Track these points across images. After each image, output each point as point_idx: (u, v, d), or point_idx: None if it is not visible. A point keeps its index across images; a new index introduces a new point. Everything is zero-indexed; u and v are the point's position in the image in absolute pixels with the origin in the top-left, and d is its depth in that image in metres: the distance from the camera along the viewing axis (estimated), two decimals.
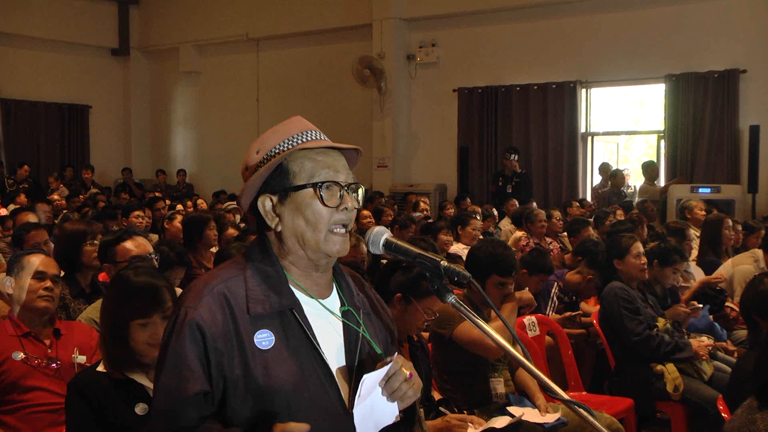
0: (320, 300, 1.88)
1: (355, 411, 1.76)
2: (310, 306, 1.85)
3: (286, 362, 1.76)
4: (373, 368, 1.80)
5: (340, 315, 1.90)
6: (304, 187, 1.82)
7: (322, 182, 1.82)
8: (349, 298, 1.94)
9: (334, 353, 1.84)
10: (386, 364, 1.77)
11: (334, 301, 1.92)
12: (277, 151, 1.86)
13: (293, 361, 1.77)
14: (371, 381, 1.76)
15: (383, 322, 2.04)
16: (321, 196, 1.82)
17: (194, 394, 1.71)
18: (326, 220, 1.82)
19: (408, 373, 1.78)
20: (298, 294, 1.85)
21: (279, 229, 1.85)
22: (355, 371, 1.83)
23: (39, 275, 3.39)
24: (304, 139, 1.88)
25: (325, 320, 1.87)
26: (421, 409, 3.36)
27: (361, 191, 1.91)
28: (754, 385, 2.43)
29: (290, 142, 1.87)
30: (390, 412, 1.80)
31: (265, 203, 1.85)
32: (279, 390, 1.74)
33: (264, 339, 1.76)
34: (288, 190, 1.83)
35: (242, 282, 1.81)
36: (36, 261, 3.44)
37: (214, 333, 1.75)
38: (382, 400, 1.78)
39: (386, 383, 1.77)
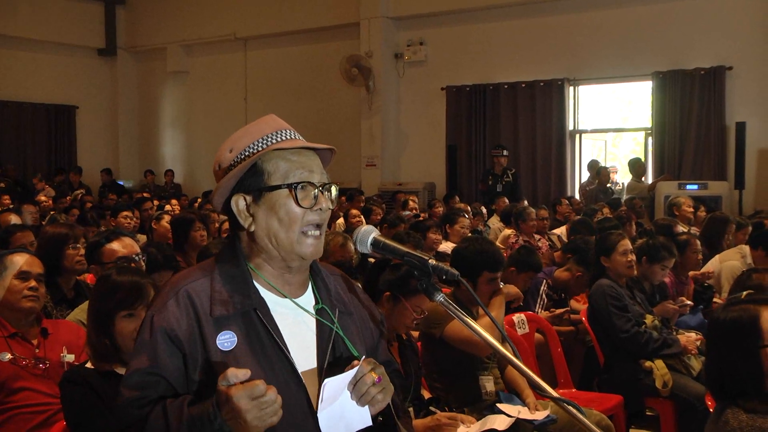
0: (293, 299, 1.88)
1: (320, 415, 1.76)
2: (280, 305, 1.85)
3: (248, 363, 1.75)
4: (345, 367, 1.80)
5: (314, 313, 1.89)
6: (278, 187, 1.82)
7: (297, 183, 1.82)
8: (325, 296, 1.93)
9: (304, 352, 1.83)
10: (353, 367, 1.76)
11: (308, 299, 1.91)
12: (251, 150, 1.85)
13: (257, 362, 1.76)
14: (334, 385, 1.75)
15: (371, 320, 2.03)
16: (296, 196, 1.81)
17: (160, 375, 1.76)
18: (300, 220, 1.82)
19: (376, 377, 1.77)
20: (269, 293, 1.85)
21: (252, 229, 1.84)
22: (325, 370, 1.83)
23: (23, 275, 3.35)
24: (279, 139, 1.87)
25: (298, 319, 1.86)
26: (411, 408, 3.36)
27: (334, 191, 1.90)
28: (712, 388, 2.45)
29: (264, 142, 1.85)
30: (361, 417, 1.78)
31: (239, 203, 1.85)
32: None
33: (226, 340, 1.77)
34: (262, 190, 1.82)
35: (208, 284, 1.82)
36: (20, 260, 3.39)
37: (180, 336, 1.77)
38: (352, 404, 1.77)
39: (354, 387, 1.77)
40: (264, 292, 1.85)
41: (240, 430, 1.62)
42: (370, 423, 1.79)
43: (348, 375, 1.75)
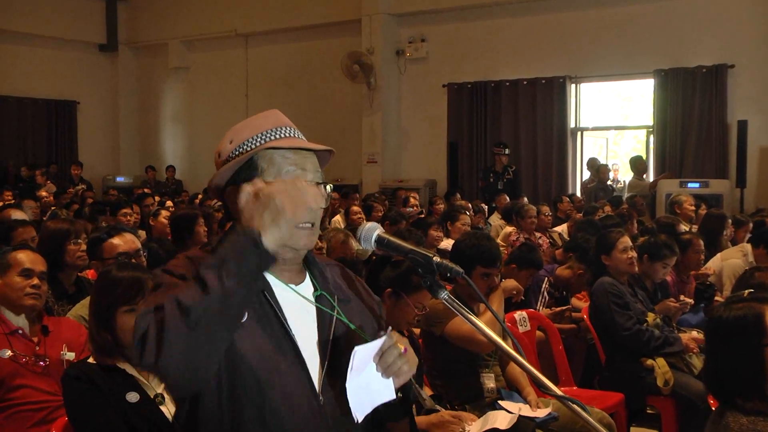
0: (292, 286, 1.88)
1: (348, 385, 1.75)
2: (283, 289, 1.86)
3: (257, 338, 1.76)
4: (350, 351, 1.79)
5: (313, 300, 1.90)
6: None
7: None
8: (323, 283, 1.94)
9: (306, 337, 1.84)
10: (380, 338, 1.76)
11: (307, 287, 1.92)
12: (249, 145, 1.86)
13: (264, 339, 1.77)
14: (363, 354, 1.74)
15: (369, 308, 2.03)
16: None
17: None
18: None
19: (402, 347, 1.77)
20: (271, 277, 1.85)
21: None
22: (328, 355, 1.84)
23: (26, 272, 3.34)
24: (277, 136, 1.88)
25: (298, 305, 1.86)
26: (413, 405, 3.36)
27: (328, 189, 1.90)
28: (711, 386, 2.44)
29: (263, 137, 1.87)
30: (386, 390, 1.77)
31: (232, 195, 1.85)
32: (248, 362, 1.73)
33: None
34: None
35: None
36: (23, 257, 3.38)
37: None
38: (377, 376, 1.76)
39: (380, 358, 1.76)
40: (267, 276, 1.84)
41: (272, 231, 1.65)
42: (393, 396, 1.78)
43: (376, 344, 1.75)
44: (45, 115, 16.65)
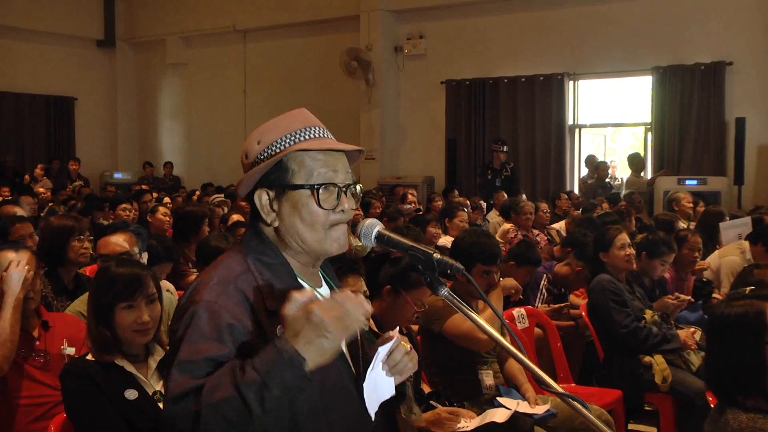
0: (318, 290, 1.88)
1: (365, 384, 1.79)
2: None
3: None
4: (368, 350, 1.85)
5: None
6: (301, 187, 1.80)
7: (320, 184, 1.80)
8: (336, 286, 1.97)
9: None
10: (390, 339, 1.80)
11: (326, 290, 1.94)
12: (278, 146, 1.83)
13: None
14: (382, 354, 1.79)
15: None
16: (318, 197, 1.80)
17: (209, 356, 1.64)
18: (323, 221, 1.81)
19: (409, 346, 1.83)
20: (303, 284, 1.85)
21: (276, 224, 1.83)
22: (360, 356, 1.88)
23: None
24: (307, 136, 1.85)
25: None
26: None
27: (359, 189, 1.90)
28: (712, 383, 2.44)
29: (292, 138, 1.83)
30: (389, 387, 1.83)
31: (262, 197, 1.83)
32: None
33: None
34: (286, 187, 1.81)
35: (252, 277, 1.78)
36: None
37: (242, 330, 1.70)
38: (382, 374, 1.81)
39: (388, 358, 1.80)
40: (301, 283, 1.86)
41: (316, 354, 1.54)
42: (393, 393, 1.85)
43: (390, 344, 1.80)
44: (43, 111, 16.62)
